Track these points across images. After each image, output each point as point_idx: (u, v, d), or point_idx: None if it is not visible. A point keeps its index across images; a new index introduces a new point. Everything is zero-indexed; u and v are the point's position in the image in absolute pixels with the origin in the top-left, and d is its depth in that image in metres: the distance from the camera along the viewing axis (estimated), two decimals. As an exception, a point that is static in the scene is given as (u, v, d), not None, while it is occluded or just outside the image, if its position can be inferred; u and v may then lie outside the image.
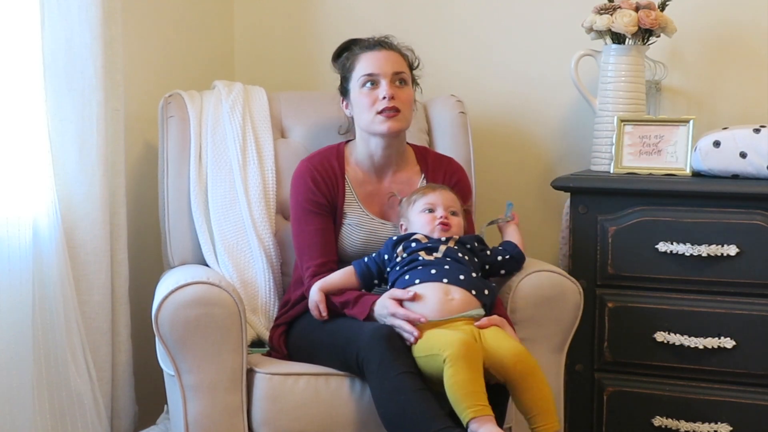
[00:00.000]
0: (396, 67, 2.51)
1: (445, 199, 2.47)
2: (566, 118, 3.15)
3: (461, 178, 2.64)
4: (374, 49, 2.53)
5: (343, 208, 2.52)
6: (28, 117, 2.37)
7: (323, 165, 2.54)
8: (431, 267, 2.34)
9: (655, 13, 2.77)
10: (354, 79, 2.52)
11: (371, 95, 2.48)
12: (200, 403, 2.31)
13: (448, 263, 2.35)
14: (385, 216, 2.56)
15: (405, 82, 2.52)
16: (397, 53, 2.55)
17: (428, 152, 2.67)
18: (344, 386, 2.32)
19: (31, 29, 2.38)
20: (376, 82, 2.49)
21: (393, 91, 2.47)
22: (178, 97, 2.82)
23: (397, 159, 2.58)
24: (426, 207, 2.45)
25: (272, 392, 2.32)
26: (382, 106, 2.46)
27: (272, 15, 3.40)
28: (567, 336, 2.49)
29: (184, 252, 2.71)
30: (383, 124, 2.47)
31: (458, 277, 2.32)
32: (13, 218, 2.32)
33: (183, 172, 2.74)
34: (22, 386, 2.33)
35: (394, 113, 2.46)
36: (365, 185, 2.57)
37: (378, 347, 2.19)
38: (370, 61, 2.50)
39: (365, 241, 2.52)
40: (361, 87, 2.50)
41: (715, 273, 2.56)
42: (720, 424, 2.59)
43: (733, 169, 2.61)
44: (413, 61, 2.61)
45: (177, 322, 2.27)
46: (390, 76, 2.48)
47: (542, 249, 3.10)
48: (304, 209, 2.51)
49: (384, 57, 2.51)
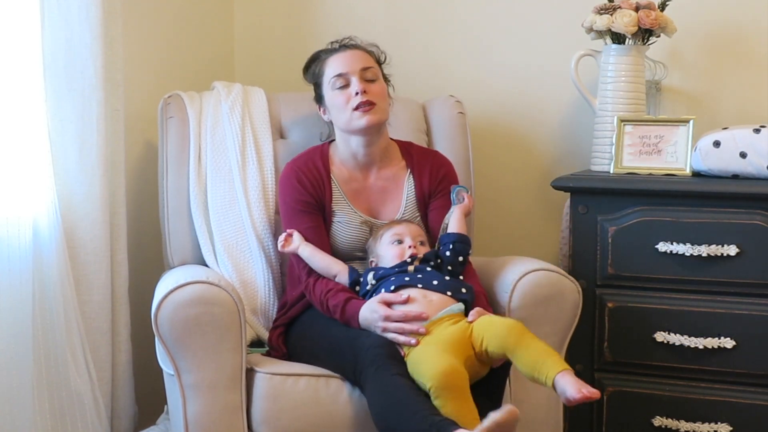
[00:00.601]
0: (363, 63, 2.54)
1: (412, 230, 2.50)
2: (566, 118, 3.15)
3: (448, 171, 2.64)
4: (339, 51, 2.57)
5: (331, 206, 2.54)
6: (28, 117, 2.38)
7: (308, 166, 2.56)
8: (404, 276, 2.37)
9: (655, 13, 2.77)
10: (325, 83, 2.56)
11: (344, 94, 2.51)
12: (200, 402, 2.31)
13: (420, 273, 2.38)
14: (374, 213, 2.57)
15: (375, 77, 2.55)
16: (362, 51, 2.59)
17: (413, 147, 2.68)
18: (344, 387, 2.32)
19: (31, 29, 2.38)
20: (346, 81, 2.52)
21: (364, 86, 2.50)
22: (178, 98, 2.82)
23: (380, 155, 2.59)
24: (394, 239, 2.47)
25: (272, 392, 2.32)
26: (356, 101, 2.49)
27: (272, 15, 3.41)
28: (566, 335, 2.49)
29: (184, 252, 2.71)
30: (361, 119, 2.49)
31: (432, 282, 2.35)
32: (13, 218, 2.32)
33: (182, 172, 2.74)
34: (22, 386, 2.33)
35: (369, 107, 2.49)
36: (351, 183, 2.58)
37: (375, 358, 2.21)
38: (337, 62, 2.55)
39: (356, 238, 2.53)
40: (333, 89, 2.53)
41: (715, 273, 2.56)
42: (720, 424, 2.59)
43: (733, 169, 2.61)
44: (380, 57, 2.63)
45: (176, 321, 2.27)
46: (358, 72, 2.52)
47: (542, 249, 3.10)
48: (294, 209, 2.53)
49: (350, 56, 2.55)
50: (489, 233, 3.16)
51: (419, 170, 2.61)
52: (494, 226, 3.20)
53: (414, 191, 2.59)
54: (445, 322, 2.27)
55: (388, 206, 2.58)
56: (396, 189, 2.59)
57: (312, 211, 2.52)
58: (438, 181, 2.59)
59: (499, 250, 3.07)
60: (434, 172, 2.60)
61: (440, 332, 2.24)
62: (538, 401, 2.42)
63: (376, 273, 2.42)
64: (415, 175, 2.60)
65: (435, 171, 2.61)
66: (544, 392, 2.43)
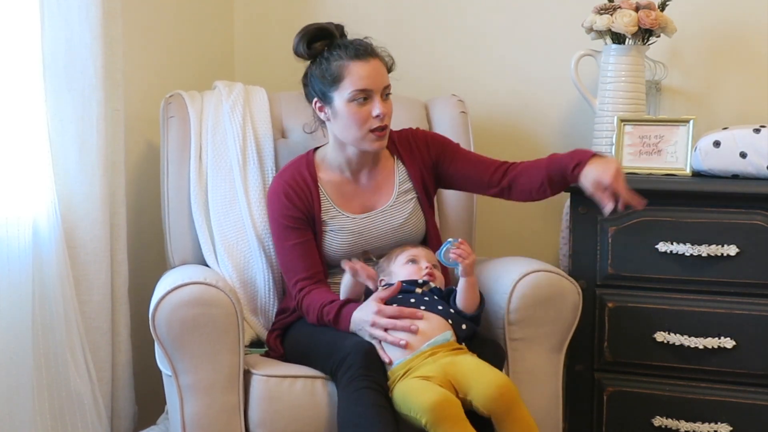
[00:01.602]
0: (386, 79, 2.45)
1: (427, 254, 2.47)
2: (566, 118, 3.15)
3: (434, 139, 2.61)
4: (363, 59, 2.42)
5: (321, 216, 2.51)
6: (28, 117, 2.37)
7: (295, 178, 2.52)
8: (411, 297, 2.35)
9: (655, 13, 2.77)
10: (342, 89, 2.41)
11: (362, 111, 2.41)
12: (197, 403, 2.31)
13: (426, 297, 2.36)
14: (367, 208, 2.55)
15: (390, 93, 2.47)
16: (382, 62, 2.46)
17: (391, 133, 2.57)
18: (340, 389, 2.33)
19: (31, 29, 2.38)
20: (368, 97, 2.41)
21: (384, 109, 2.41)
22: (179, 97, 2.82)
23: (373, 158, 2.57)
24: (409, 259, 2.45)
25: (269, 394, 2.32)
26: (375, 125, 2.41)
27: (272, 15, 3.40)
28: (566, 336, 2.48)
29: (185, 252, 2.71)
30: (374, 143, 2.44)
31: (437, 306, 2.33)
32: (13, 218, 2.32)
33: (183, 172, 2.74)
34: (22, 386, 2.33)
35: (384, 131, 2.44)
36: (342, 187, 2.56)
37: (354, 362, 2.21)
38: (362, 75, 2.40)
39: (352, 243, 2.52)
40: (352, 100, 2.40)
41: (715, 273, 2.56)
42: (720, 424, 2.59)
43: (733, 169, 2.61)
44: (391, 67, 2.52)
45: (174, 322, 2.27)
46: (381, 90, 2.43)
47: (542, 249, 3.10)
48: (282, 225, 2.51)
49: (375, 69, 2.42)
50: (489, 233, 3.16)
51: (405, 153, 2.58)
52: (494, 225, 3.20)
53: (407, 175, 2.58)
54: (428, 358, 2.22)
55: (382, 198, 2.56)
56: (387, 179, 2.58)
57: (300, 226, 2.49)
58: (435, 152, 2.57)
59: (499, 249, 3.07)
60: (422, 147, 2.58)
61: (424, 366, 2.21)
62: (537, 401, 2.41)
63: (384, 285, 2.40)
64: (404, 159, 2.58)
65: (423, 146, 2.58)
66: (543, 392, 2.44)
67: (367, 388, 2.17)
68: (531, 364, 2.44)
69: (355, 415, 2.14)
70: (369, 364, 2.22)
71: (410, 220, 2.55)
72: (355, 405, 2.15)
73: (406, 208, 2.55)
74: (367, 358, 2.23)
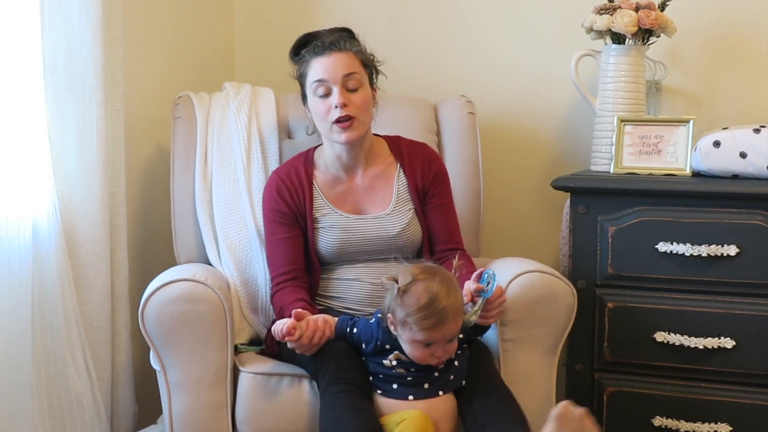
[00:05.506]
0: (346, 69, 2.45)
1: (448, 331, 2.15)
2: (566, 118, 3.15)
3: (439, 170, 2.61)
4: (324, 54, 2.47)
5: (312, 213, 2.52)
6: (28, 117, 2.38)
7: (290, 175, 2.55)
8: (424, 381, 2.21)
9: (655, 13, 2.77)
10: (308, 85, 2.49)
11: (325, 104, 2.45)
12: (185, 399, 2.32)
13: (440, 375, 2.22)
14: (360, 211, 2.56)
15: (358, 85, 2.47)
16: (348, 53, 2.48)
17: (401, 141, 2.64)
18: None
19: (31, 29, 2.39)
20: (327, 90, 2.45)
21: (345, 98, 2.43)
22: (187, 98, 2.85)
23: (365, 156, 2.57)
24: (424, 341, 2.15)
25: (255, 391, 2.32)
26: (335, 115, 2.44)
27: (272, 15, 3.41)
28: (560, 338, 2.45)
29: (190, 250, 2.73)
30: (340, 135, 2.46)
31: (424, 386, 2.21)
32: (13, 218, 2.33)
33: (189, 172, 2.76)
34: (22, 386, 2.33)
35: (348, 122, 2.44)
36: (337, 186, 2.57)
37: (329, 368, 2.21)
38: (320, 67, 2.46)
39: (341, 240, 2.51)
40: (314, 95, 2.47)
41: (715, 273, 2.56)
42: (720, 424, 2.59)
43: (733, 169, 2.61)
44: (368, 57, 2.54)
45: (162, 318, 2.29)
46: (341, 80, 2.44)
47: (542, 249, 3.10)
48: (270, 219, 2.54)
49: (333, 61, 2.45)
50: (489, 233, 3.16)
51: (410, 164, 2.59)
52: (494, 225, 3.20)
53: (407, 185, 2.58)
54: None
55: (377, 202, 2.57)
56: (385, 185, 2.58)
57: (287, 221, 2.52)
58: (431, 176, 2.57)
59: (499, 249, 3.07)
60: (426, 167, 2.59)
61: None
62: (529, 403, 2.37)
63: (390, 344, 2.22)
64: (406, 169, 2.59)
65: (426, 165, 2.59)
66: (536, 394, 2.42)
67: (344, 392, 2.16)
68: (524, 366, 2.42)
69: (332, 421, 2.13)
70: (344, 366, 2.22)
71: (407, 231, 2.54)
72: (332, 410, 2.14)
73: (403, 219, 2.55)
74: (342, 361, 2.22)
